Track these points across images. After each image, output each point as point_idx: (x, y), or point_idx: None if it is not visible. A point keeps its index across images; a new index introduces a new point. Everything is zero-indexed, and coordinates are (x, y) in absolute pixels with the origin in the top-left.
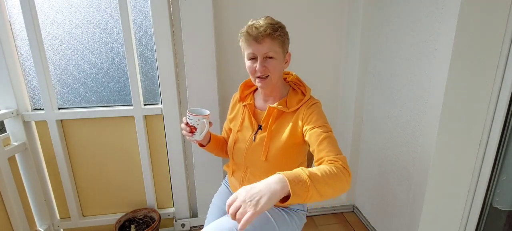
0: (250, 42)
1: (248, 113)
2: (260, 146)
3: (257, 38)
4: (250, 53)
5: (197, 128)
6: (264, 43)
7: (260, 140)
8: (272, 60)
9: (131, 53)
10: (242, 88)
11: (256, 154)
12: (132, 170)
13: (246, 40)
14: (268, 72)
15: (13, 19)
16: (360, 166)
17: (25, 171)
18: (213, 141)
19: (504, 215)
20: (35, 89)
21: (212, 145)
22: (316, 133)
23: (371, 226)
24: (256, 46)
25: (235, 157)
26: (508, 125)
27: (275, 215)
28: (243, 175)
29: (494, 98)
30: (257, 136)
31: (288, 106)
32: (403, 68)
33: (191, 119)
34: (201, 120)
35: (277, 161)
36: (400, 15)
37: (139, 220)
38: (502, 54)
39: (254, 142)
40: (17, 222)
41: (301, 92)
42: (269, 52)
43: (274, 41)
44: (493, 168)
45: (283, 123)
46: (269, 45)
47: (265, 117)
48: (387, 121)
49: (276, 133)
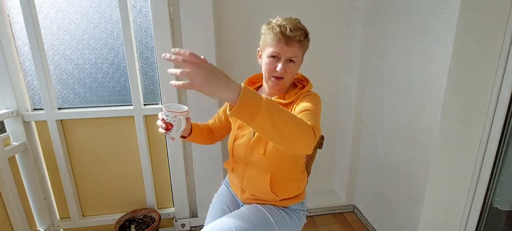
0: (280, 41)
1: None
2: (259, 140)
3: (288, 41)
4: (275, 52)
5: (173, 125)
6: (293, 47)
7: (259, 135)
8: (292, 64)
9: (131, 53)
10: (247, 83)
11: (255, 149)
12: (132, 170)
13: (276, 38)
14: (285, 75)
15: (13, 19)
16: (360, 166)
17: (25, 171)
18: (195, 132)
19: (504, 215)
20: (35, 89)
21: (193, 136)
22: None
23: (371, 226)
24: (284, 47)
25: (234, 154)
26: (508, 125)
27: (274, 215)
28: (243, 172)
29: (494, 98)
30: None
31: (286, 98)
32: (403, 68)
33: (167, 115)
34: (177, 117)
35: (275, 154)
36: (400, 15)
37: (139, 220)
38: (502, 54)
39: (253, 138)
40: (17, 222)
41: (302, 86)
42: (294, 57)
43: (301, 47)
44: (493, 168)
45: None
46: (296, 50)
47: None
48: (387, 121)
49: None
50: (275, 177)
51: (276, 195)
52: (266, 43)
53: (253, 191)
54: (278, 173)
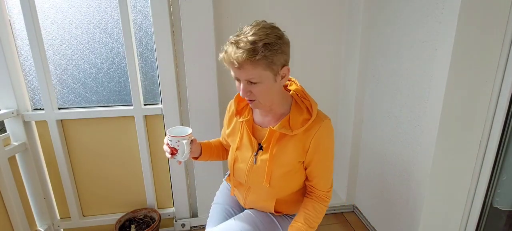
0: (230, 66)
1: (246, 131)
2: (262, 169)
3: (234, 64)
4: (234, 76)
5: (178, 150)
6: (244, 69)
7: (262, 163)
8: (256, 86)
9: (131, 53)
10: (237, 100)
11: (258, 178)
12: (132, 170)
13: (225, 61)
14: (253, 97)
15: (13, 19)
16: (360, 166)
17: (25, 171)
18: (206, 151)
19: (504, 215)
20: (35, 89)
21: (206, 157)
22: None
23: (371, 226)
24: (236, 70)
25: (236, 176)
26: (508, 125)
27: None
28: (246, 193)
29: (494, 98)
30: (258, 157)
31: (292, 127)
32: (403, 68)
33: (171, 140)
34: (180, 141)
35: (281, 185)
36: (400, 15)
37: (139, 220)
38: (502, 54)
39: (255, 165)
40: (17, 222)
41: (307, 109)
42: (252, 78)
43: (256, 65)
44: (493, 168)
45: (287, 145)
46: (250, 71)
47: (266, 139)
48: (387, 121)
49: (279, 156)
50: (280, 200)
51: (280, 212)
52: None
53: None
54: (284, 197)
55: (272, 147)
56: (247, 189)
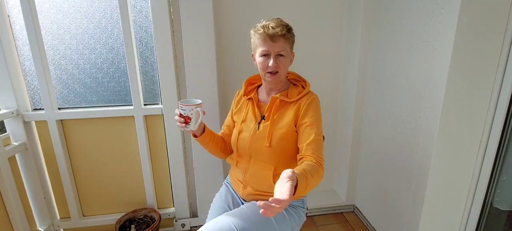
0: (266, 40)
1: (252, 106)
2: (264, 133)
3: (273, 37)
4: (264, 50)
5: (191, 118)
6: (278, 42)
7: (264, 128)
8: (282, 58)
9: (131, 53)
10: (246, 84)
11: (260, 142)
12: (132, 170)
13: (262, 38)
14: (278, 69)
15: (13, 19)
16: (360, 166)
17: (25, 171)
18: (208, 134)
19: (504, 215)
20: (35, 89)
21: (207, 137)
22: (307, 132)
23: (371, 226)
24: (270, 44)
25: (239, 147)
26: (508, 125)
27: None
28: (247, 164)
29: (494, 98)
30: (260, 125)
31: (289, 97)
32: (403, 68)
33: (184, 109)
34: (194, 109)
35: (280, 146)
36: (400, 15)
37: (139, 220)
38: (502, 54)
39: (258, 131)
40: (17, 222)
41: (301, 86)
42: (282, 51)
43: (286, 41)
44: (493, 168)
45: (285, 112)
46: (282, 45)
47: (268, 107)
48: (387, 121)
49: (278, 121)
50: (278, 170)
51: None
52: (256, 45)
53: (255, 184)
54: (281, 165)
55: (273, 113)
56: (248, 160)
